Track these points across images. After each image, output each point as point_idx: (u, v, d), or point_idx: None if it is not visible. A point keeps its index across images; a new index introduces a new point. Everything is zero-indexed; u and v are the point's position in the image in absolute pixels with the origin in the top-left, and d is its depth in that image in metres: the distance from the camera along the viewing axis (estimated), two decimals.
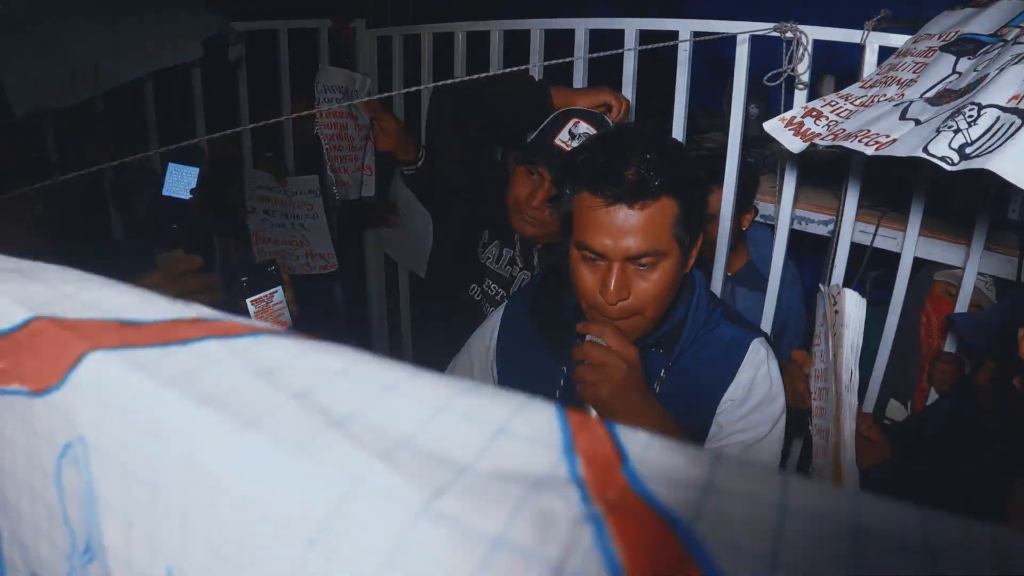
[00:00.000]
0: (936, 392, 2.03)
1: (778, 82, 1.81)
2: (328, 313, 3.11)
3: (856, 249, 1.99)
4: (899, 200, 2.00)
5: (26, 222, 1.50)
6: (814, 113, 1.54)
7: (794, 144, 1.54)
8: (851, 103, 1.52)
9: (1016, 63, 1.16)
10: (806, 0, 2.39)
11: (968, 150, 1.10)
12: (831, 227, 2.04)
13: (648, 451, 0.27)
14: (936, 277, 2.21)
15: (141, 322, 0.34)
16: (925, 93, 1.34)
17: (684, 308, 1.38)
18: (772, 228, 2.10)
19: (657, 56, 2.11)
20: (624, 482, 0.25)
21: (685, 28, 1.94)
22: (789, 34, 1.76)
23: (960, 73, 1.31)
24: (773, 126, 1.60)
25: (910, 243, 1.88)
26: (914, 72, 1.42)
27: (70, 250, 1.66)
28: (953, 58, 1.36)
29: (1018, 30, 1.26)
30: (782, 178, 1.95)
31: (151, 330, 0.33)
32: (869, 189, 1.93)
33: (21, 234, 1.50)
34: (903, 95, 1.38)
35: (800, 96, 1.84)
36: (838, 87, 2.69)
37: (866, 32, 1.71)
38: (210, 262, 1.25)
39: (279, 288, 1.24)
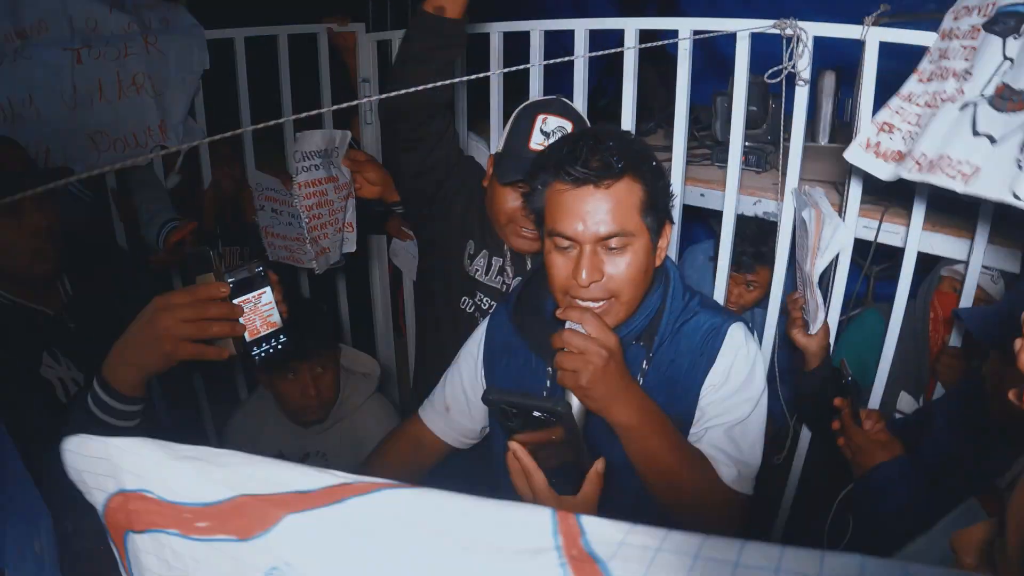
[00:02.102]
0: (943, 386, 2.03)
1: (778, 79, 1.81)
2: (332, 316, 3.12)
3: (859, 245, 1.99)
4: (902, 195, 2.00)
5: (29, 231, 1.50)
6: (886, 127, 1.50)
7: (884, 171, 1.50)
8: (916, 104, 1.48)
9: None
10: None
11: None
12: None
13: (596, 527, 0.47)
14: (943, 273, 2.21)
15: (309, 491, 0.53)
16: (984, 89, 1.31)
17: (660, 299, 1.40)
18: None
19: (658, 56, 2.12)
20: (581, 546, 0.46)
21: (685, 27, 1.94)
22: (789, 31, 1.75)
23: (1011, 60, 1.28)
24: (855, 155, 1.56)
25: (913, 238, 1.88)
26: (965, 58, 1.38)
27: (77, 258, 1.66)
28: (999, 40, 1.32)
29: None
30: (784, 175, 1.95)
31: (318, 496, 0.53)
32: (871, 184, 1.93)
33: (26, 242, 1.50)
34: (963, 91, 1.36)
35: (801, 92, 1.84)
36: (838, 82, 2.70)
37: (866, 27, 1.71)
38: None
39: (267, 289, 1.24)
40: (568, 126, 1.73)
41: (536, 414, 1.13)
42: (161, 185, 2.62)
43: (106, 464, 0.61)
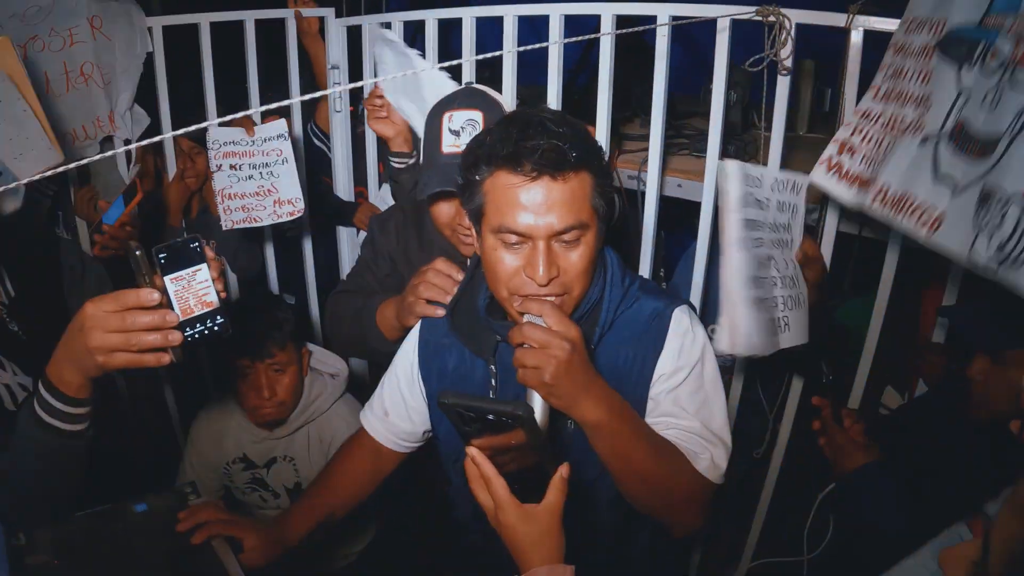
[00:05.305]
0: (924, 384, 2.00)
1: (760, 67, 1.75)
2: (302, 312, 3.06)
3: (843, 238, 1.95)
4: None
5: None
6: (848, 148, 1.46)
7: (847, 196, 1.46)
8: (875, 123, 1.44)
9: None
10: None
11: (1008, 248, 1.07)
12: (815, 215, 2.00)
13: None
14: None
15: None
16: (944, 124, 1.27)
17: (599, 287, 1.34)
18: None
19: (636, 42, 2.05)
20: None
21: (663, 12, 1.88)
22: (772, 18, 1.70)
23: (967, 93, 1.24)
24: (821, 178, 1.52)
25: (896, 232, 1.84)
26: (922, 81, 1.33)
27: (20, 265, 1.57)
28: (954, 70, 1.27)
29: (1008, 19, 1.19)
30: (765, 166, 1.90)
31: None
32: None
33: None
34: (923, 124, 1.32)
35: (783, 82, 1.78)
36: (818, 72, 2.65)
37: (851, 15, 1.65)
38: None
39: (203, 266, 1.14)
40: (477, 116, 1.60)
41: (492, 418, 1.07)
42: (121, 179, 2.53)
43: None
